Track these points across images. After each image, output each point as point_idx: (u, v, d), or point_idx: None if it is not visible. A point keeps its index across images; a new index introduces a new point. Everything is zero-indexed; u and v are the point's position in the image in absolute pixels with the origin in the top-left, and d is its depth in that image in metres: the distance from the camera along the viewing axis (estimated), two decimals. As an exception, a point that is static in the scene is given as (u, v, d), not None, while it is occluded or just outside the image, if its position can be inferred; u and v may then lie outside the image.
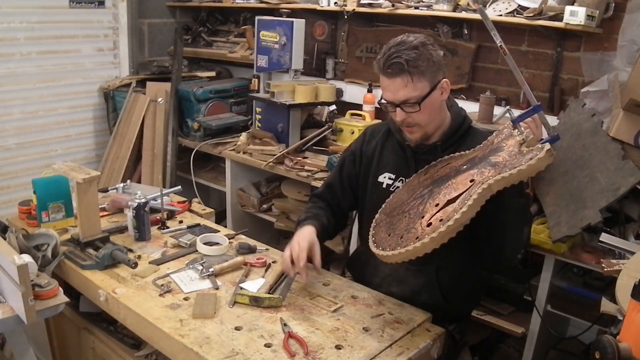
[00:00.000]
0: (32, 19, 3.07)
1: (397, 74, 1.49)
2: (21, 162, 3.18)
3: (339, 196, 1.81)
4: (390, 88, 1.52)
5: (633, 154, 2.00)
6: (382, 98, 1.60)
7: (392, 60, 1.49)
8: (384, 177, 1.70)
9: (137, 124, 3.28)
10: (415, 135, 1.59)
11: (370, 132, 1.81)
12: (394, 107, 1.53)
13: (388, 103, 1.55)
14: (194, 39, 3.77)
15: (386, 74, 1.51)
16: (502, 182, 1.32)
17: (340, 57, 3.23)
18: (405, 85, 1.49)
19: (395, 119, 1.58)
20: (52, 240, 1.68)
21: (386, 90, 1.54)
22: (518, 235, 1.52)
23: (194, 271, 1.64)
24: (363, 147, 1.78)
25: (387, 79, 1.52)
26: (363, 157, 1.77)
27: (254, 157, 2.90)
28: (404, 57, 1.47)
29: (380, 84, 1.57)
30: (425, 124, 1.57)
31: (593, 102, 2.26)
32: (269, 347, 1.30)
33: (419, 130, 1.58)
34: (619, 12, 2.23)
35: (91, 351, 1.80)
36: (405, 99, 1.50)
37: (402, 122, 1.56)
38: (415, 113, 1.53)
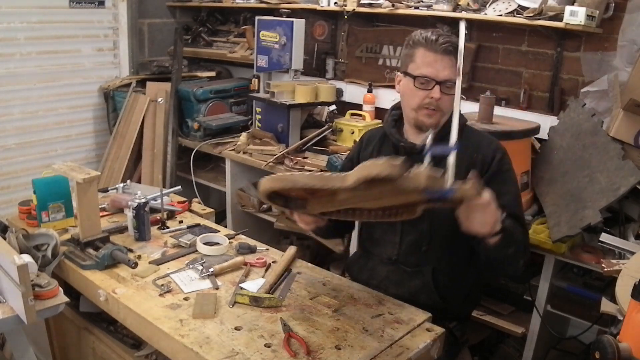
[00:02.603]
0: (32, 19, 3.07)
1: (449, 52, 1.52)
2: (21, 162, 3.18)
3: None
4: (436, 65, 1.53)
5: (633, 154, 2.00)
6: (410, 75, 1.57)
7: (446, 38, 1.53)
8: None
9: (137, 124, 3.28)
10: (432, 120, 1.58)
11: (367, 139, 1.82)
12: (433, 84, 1.54)
13: (429, 79, 1.54)
14: (194, 39, 3.77)
15: (437, 49, 1.53)
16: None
17: (340, 57, 3.23)
18: (452, 66, 1.52)
19: (422, 99, 1.56)
20: (52, 240, 1.68)
21: (429, 66, 1.54)
22: (516, 266, 1.54)
23: (194, 271, 1.64)
24: (360, 154, 1.79)
25: (434, 55, 1.53)
26: (360, 162, 1.75)
27: (254, 157, 2.90)
28: (454, 39, 1.53)
29: (416, 58, 1.56)
30: (447, 111, 1.58)
31: (593, 102, 2.27)
32: (269, 347, 1.30)
33: (439, 116, 1.58)
34: (619, 12, 2.23)
35: (91, 351, 1.80)
36: (449, 78, 1.52)
37: (430, 103, 1.55)
38: (447, 97, 1.54)
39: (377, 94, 3.03)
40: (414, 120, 1.61)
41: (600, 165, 2.02)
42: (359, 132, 2.87)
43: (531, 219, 2.17)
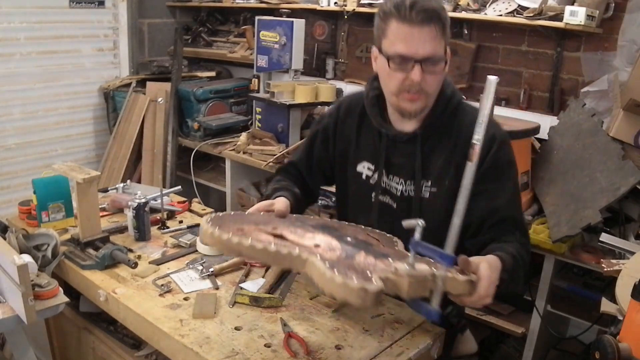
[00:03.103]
0: (32, 19, 3.07)
1: (427, 20, 1.23)
2: (21, 162, 3.18)
3: (306, 177, 1.62)
4: (413, 38, 1.23)
5: (633, 154, 2.00)
6: (384, 54, 1.30)
7: (422, 3, 1.23)
8: (363, 167, 1.50)
9: (137, 124, 3.28)
10: (417, 106, 1.32)
11: (346, 108, 1.54)
12: (412, 64, 1.25)
13: (405, 58, 1.25)
14: (194, 39, 3.77)
15: (410, 20, 1.23)
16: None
17: (340, 57, 3.23)
18: (434, 38, 1.24)
19: (400, 83, 1.29)
20: (52, 240, 1.68)
21: (405, 42, 1.24)
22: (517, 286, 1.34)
23: (194, 271, 1.64)
24: (338, 126, 1.53)
25: (409, 27, 1.23)
26: (337, 140, 1.53)
27: (254, 157, 2.90)
28: (435, 3, 1.25)
29: (388, 33, 1.28)
30: (433, 92, 1.33)
31: (593, 102, 2.27)
32: (269, 347, 1.30)
33: (424, 99, 1.32)
34: (619, 12, 2.23)
35: (91, 351, 1.80)
36: (432, 54, 1.24)
37: (411, 86, 1.28)
38: (432, 76, 1.28)
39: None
40: (394, 106, 1.37)
41: (600, 165, 2.02)
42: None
43: (531, 219, 2.17)
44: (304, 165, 1.62)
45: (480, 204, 1.31)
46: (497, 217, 1.33)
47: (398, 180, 1.45)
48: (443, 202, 1.38)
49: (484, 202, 1.32)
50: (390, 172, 1.46)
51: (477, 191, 1.24)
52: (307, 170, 1.62)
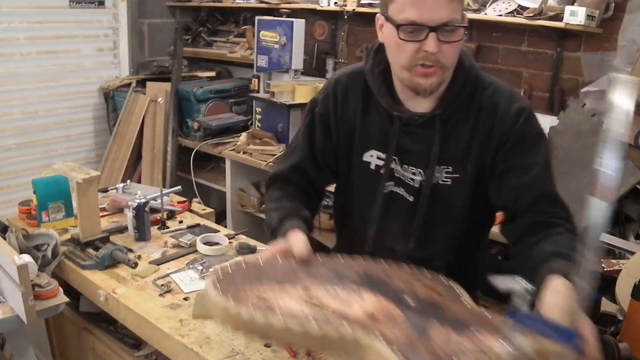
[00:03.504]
0: (32, 19, 3.07)
1: None
2: (21, 162, 3.18)
3: (314, 178, 1.38)
4: (426, 2, 1.07)
5: (633, 154, 2.00)
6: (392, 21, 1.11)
7: None
8: (371, 156, 1.30)
9: (137, 124, 3.28)
10: (433, 80, 1.14)
11: (344, 88, 1.31)
12: (426, 33, 1.08)
13: (417, 26, 1.08)
14: (194, 39, 3.77)
15: None
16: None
17: (340, 57, 3.23)
18: (451, 1, 1.08)
19: (412, 55, 1.11)
20: (52, 240, 1.68)
21: (416, 5, 1.07)
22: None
23: (194, 271, 1.64)
24: (338, 111, 1.31)
25: None
26: (340, 126, 1.32)
27: (254, 157, 2.90)
28: None
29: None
30: (451, 65, 1.15)
31: (593, 102, 2.27)
32: (268, 347, 1.30)
33: (441, 73, 1.14)
34: (619, 12, 2.23)
35: (91, 351, 1.80)
36: (449, 19, 1.07)
37: (426, 58, 1.10)
38: (449, 45, 1.10)
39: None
40: (406, 82, 1.17)
41: (600, 165, 2.02)
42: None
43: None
44: (310, 164, 1.37)
45: (511, 182, 1.19)
46: (532, 194, 1.17)
47: (414, 170, 1.27)
48: (466, 188, 1.24)
49: (514, 179, 1.19)
50: (404, 161, 1.27)
51: (505, 168, 1.19)
52: (314, 169, 1.37)
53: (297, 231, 1.17)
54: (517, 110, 1.19)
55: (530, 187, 1.18)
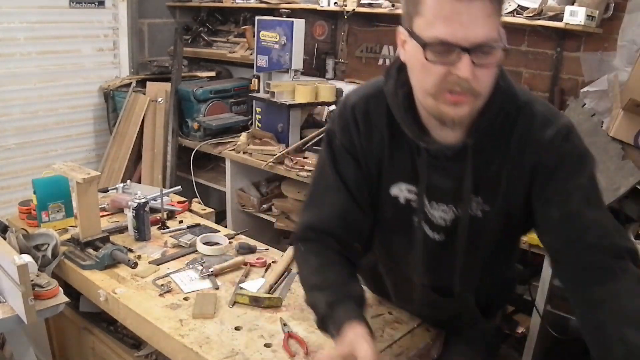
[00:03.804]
0: (32, 19, 3.07)
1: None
2: (21, 162, 3.18)
3: (355, 220, 1.16)
4: (460, 17, 0.89)
5: (633, 154, 2.00)
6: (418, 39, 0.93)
7: None
8: (400, 190, 1.14)
9: (137, 124, 3.28)
10: (463, 110, 0.97)
11: (364, 114, 1.13)
12: (459, 54, 0.90)
13: (448, 46, 0.90)
14: (194, 39, 3.77)
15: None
16: None
17: (340, 57, 3.23)
18: (489, 15, 0.90)
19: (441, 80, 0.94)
20: (52, 240, 1.68)
21: (448, 21, 0.89)
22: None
23: (194, 271, 1.64)
24: (363, 142, 1.13)
25: (454, 1, 0.88)
26: (367, 158, 1.15)
27: (254, 157, 2.90)
28: None
29: (424, 8, 0.92)
30: (485, 92, 0.98)
31: (593, 102, 2.27)
32: (268, 347, 1.30)
33: (472, 101, 0.97)
34: (619, 12, 2.23)
35: (91, 351, 1.80)
36: (486, 39, 0.90)
37: (456, 84, 0.93)
38: (485, 70, 0.93)
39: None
40: (431, 110, 1.01)
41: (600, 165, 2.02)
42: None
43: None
44: (349, 205, 1.15)
45: (552, 215, 1.03)
46: (579, 227, 1.01)
47: (445, 208, 1.13)
48: (496, 222, 1.11)
49: (555, 210, 1.03)
50: (432, 197, 1.12)
51: (544, 200, 1.04)
52: (355, 210, 1.15)
53: (357, 326, 0.99)
54: (551, 136, 1.02)
55: (575, 219, 1.01)
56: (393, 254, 1.26)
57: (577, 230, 1.01)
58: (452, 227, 1.13)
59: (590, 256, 0.99)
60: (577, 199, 1.01)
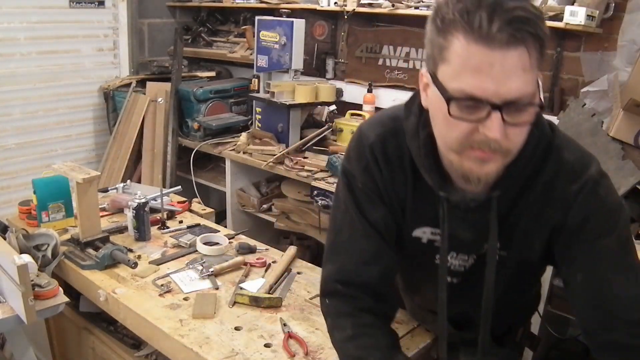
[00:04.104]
0: (32, 19, 3.07)
1: (517, 39, 0.76)
2: (21, 162, 3.18)
3: (393, 264, 1.10)
4: (492, 69, 0.77)
5: (633, 154, 2.00)
6: (442, 90, 0.83)
7: (509, 5, 0.76)
8: (423, 232, 1.08)
9: (137, 124, 3.28)
10: (489, 168, 0.87)
11: (383, 155, 1.03)
12: (488, 110, 0.80)
13: (478, 101, 0.80)
14: (194, 39, 3.77)
15: (490, 37, 0.76)
16: None
17: (340, 57, 3.23)
18: (525, 67, 0.78)
19: (466, 136, 0.84)
20: (52, 240, 1.68)
21: (479, 73, 0.78)
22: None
23: (194, 271, 1.64)
24: (386, 183, 1.04)
25: (486, 49, 0.77)
26: (391, 199, 1.06)
27: (254, 157, 2.90)
28: (529, 6, 0.78)
29: (450, 55, 0.81)
30: (516, 149, 0.88)
31: (593, 102, 2.27)
32: (268, 347, 1.30)
33: (500, 159, 0.87)
34: (619, 12, 2.23)
35: (91, 351, 1.80)
36: (521, 95, 0.79)
37: (483, 143, 0.83)
38: (518, 129, 0.83)
39: (377, 94, 3.03)
40: (454, 166, 0.91)
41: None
42: (359, 132, 2.86)
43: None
44: (382, 248, 1.06)
45: (577, 281, 0.97)
46: (606, 297, 0.93)
47: (466, 258, 1.09)
48: (513, 266, 1.06)
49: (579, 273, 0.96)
50: (453, 248, 1.07)
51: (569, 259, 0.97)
52: (388, 254, 1.08)
53: None
54: (576, 192, 0.94)
55: (602, 288, 0.93)
56: (410, 285, 1.22)
57: (605, 301, 0.93)
58: (470, 271, 1.09)
59: (618, 333, 0.92)
60: (605, 265, 0.93)
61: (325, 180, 2.58)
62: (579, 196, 0.94)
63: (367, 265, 1.05)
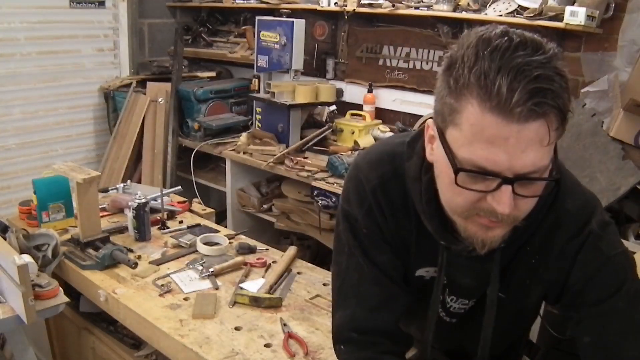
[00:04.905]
0: (32, 19, 3.07)
1: (538, 112, 0.70)
2: (21, 162, 3.18)
3: (404, 303, 1.05)
4: (508, 144, 0.71)
5: (633, 154, 2.00)
6: (450, 155, 0.77)
7: (536, 79, 0.69)
8: (426, 272, 1.05)
9: (137, 124, 3.28)
10: (495, 234, 0.83)
11: (386, 199, 0.98)
12: (499, 183, 0.74)
13: (487, 174, 0.74)
14: (194, 39, 3.77)
15: (508, 111, 0.69)
16: None
17: (341, 57, 3.23)
18: (542, 140, 0.72)
19: (471, 204, 0.80)
20: (53, 241, 1.68)
21: (493, 145, 0.72)
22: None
23: (194, 271, 1.64)
24: (390, 227, 1.00)
25: (503, 122, 0.70)
26: (396, 240, 1.01)
27: (254, 157, 2.90)
28: (556, 81, 0.70)
29: (462, 122, 0.74)
30: (522, 216, 0.83)
31: (593, 102, 2.27)
32: (268, 347, 1.31)
33: (507, 226, 0.84)
34: (619, 12, 2.23)
35: (91, 351, 1.80)
36: (535, 168, 0.74)
37: (492, 213, 0.78)
38: (529, 200, 0.79)
39: (377, 94, 3.03)
40: (458, 227, 0.87)
41: (600, 165, 2.02)
42: (359, 132, 2.87)
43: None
44: (395, 292, 1.02)
45: (584, 340, 0.93)
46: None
47: (466, 302, 1.08)
48: (510, 308, 1.02)
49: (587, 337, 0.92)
50: (453, 292, 1.06)
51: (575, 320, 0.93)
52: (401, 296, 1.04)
53: None
54: (577, 248, 0.91)
55: (611, 354, 0.89)
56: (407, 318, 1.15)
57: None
58: (469, 313, 1.08)
59: None
60: (613, 328, 0.88)
61: (325, 180, 2.58)
62: (579, 254, 0.90)
63: (381, 311, 1.01)
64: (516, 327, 1.15)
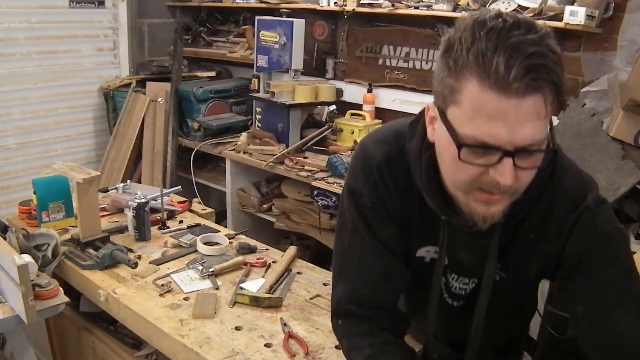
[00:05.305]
0: (32, 19, 3.07)
1: (535, 86, 0.74)
2: (21, 162, 3.18)
3: (405, 280, 1.08)
4: (507, 118, 0.75)
5: (633, 154, 2.00)
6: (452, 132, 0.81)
7: (531, 55, 0.73)
8: (427, 252, 1.08)
9: (137, 124, 3.28)
10: (496, 209, 0.86)
11: (391, 176, 1.01)
12: (500, 156, 0.78)
13: (489, 148, 0.78)
14: (194, 39, 3.77)
15: (506, 86, 0.73)
16: None
17: (340, 57, 3.23)
18: (539, 113, 0.76)
19: (474, 178, 0.83)
20: (53, 240, 1.68)
21: (493, 120, 0.76)
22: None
23: (194, 271, 1.64)
24: (394, 203, 1.03)
25: (502, 98, 0.74)
26: (400, 216, 1.04)
27: (254, 157, 2.90)
28: (550, 57, 0.75)
29: (463, 100, 0.78)
30: (522, 188, 0.87)
31: (593, 102, 2.27)
32: (269, 347, 1.31)
33: (507, 200, 0.86)
34: (619, 12, 2.23)
35: (91, 351, 1.80)
36: (533, 141, 0.78)
37: (492, 185, 0.82)
38: (529, 171, 0.83)
39: (377, 93, 3.03)
40: (460, 203, 0.90)
41: (600, 165, 2.02)
42: (359, 132, 2.87)
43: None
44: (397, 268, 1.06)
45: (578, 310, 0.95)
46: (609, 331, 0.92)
47: (467, 281, 1.10)
48: (510, 287, 1.06)
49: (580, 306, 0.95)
50: (454, 270, 1.08)
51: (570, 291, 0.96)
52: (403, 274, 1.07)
53: None
54: (573, 222, 0.94)
55: (604, 322, 0.92)
56: (408, 306, 1.20)
57: (607, 336, 0.91)
58: (471, 295, 1.09)
59: None
60: (606, 298, 0.92)
61: (325, 180, 2.58)
62: (575, 227, 0.94)
63: (381, 285, 1.04)
64: (515, 315, 1.16)
